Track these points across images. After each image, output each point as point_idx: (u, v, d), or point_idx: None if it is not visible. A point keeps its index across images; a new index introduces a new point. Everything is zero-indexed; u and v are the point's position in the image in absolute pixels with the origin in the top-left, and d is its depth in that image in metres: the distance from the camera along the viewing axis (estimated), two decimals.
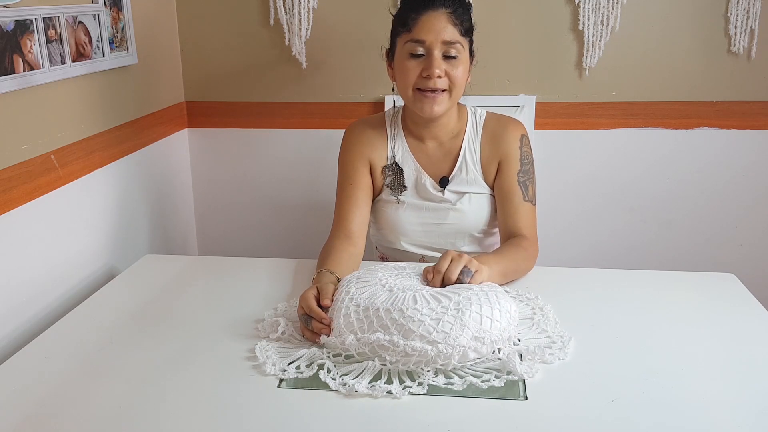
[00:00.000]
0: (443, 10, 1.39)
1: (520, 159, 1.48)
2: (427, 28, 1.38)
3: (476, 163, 1.50)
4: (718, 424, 0.94)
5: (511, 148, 1.48)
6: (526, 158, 1.50)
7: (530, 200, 1.48)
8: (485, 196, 1.51)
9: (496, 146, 1.49)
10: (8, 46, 1.30)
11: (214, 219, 2.25)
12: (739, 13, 1.93)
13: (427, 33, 1.38)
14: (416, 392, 1.01)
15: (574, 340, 1.16)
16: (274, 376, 1.06)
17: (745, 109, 2.02)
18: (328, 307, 1.17)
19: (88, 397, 1.02)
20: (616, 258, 2.15)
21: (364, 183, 1.50)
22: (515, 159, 1.48)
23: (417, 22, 1.39)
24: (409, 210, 1.51)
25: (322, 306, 1.17)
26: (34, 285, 1.40)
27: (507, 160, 1.48)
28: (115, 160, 1.71)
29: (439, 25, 1.38)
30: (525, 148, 1.50)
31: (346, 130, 1.56)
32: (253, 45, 2.07)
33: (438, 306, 1.08)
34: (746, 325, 1.23)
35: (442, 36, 1.38)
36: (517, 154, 1.48)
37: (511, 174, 1.47)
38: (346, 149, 1.53)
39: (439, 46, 1.38)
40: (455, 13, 1.39)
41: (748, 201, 2.09)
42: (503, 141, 1.49)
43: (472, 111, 1.54)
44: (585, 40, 1.97)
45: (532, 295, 1.31)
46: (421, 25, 1.38)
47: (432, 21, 1.38)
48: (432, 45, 1.38)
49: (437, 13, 1.38)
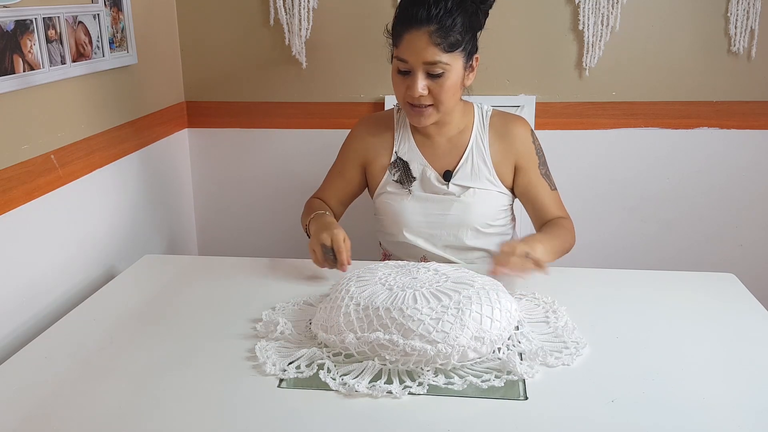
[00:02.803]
0: (426, 29, 1.34)
1: (536, 152, 1.52)
2: (410, 49, 1.37)
3: (487, 161, 1.51)
4: (718, 424, 0.94)
5: (526, 146, 1.52)
6: (539, 150, 1.54)
7: (555, 188, 1.55)
8: (491, 192, 1.52)
9: (508, 145, 1.52)
10: (8, 46, 1.30)
11: (214, 219, 2.25)
12: (739, 13, 1.93)
13: (410, 54, 1.37)
14: (416, 392, 1.01)
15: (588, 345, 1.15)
16: (274, 376, 1.06)
17: (745, 109, 2.02)
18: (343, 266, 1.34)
19: (88, 397, 1.02)
20: (616, 258, 2.15)
21: (349, 178, 1.60)
22: (532, 154, 1.52)
23: (401, 39, 1.38)
24: (413, 201, 1.53)
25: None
26: (34, 285, 1.40)
27: (525, 158, 1.52)
28: (115, 160, 1.71)
29: (419, 45, 1.35)
30: (536, 142, 1.54)
31: (357, 122, 1.62)
32: (253, 45, 2.07)
33: (438, 305, 1.08)
34: (746, 325, 1.23)
35: (422, 57, 1.36)
36: (532, 148, 1.52)
37: (534, 170, 1.52)
38: (350, 141, 1.61)
39: (420, 66, 1.37)
40: (440, 30, 1.34)
41: (748, 201, 2.09)
42: (515, 140, 1.52)
43: (479, 107, 1.56)
44: (585, 40, 1.97)
45: (549, 299, 1.30)
46: (405, 44, 1.37)
47: (414, 41, 1.36)
48: (413, 65, 1.38)
49: (419, 32, 1.35)
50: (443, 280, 1.17)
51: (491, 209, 1.53)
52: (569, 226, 1.50)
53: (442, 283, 1.15)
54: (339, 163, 1.62)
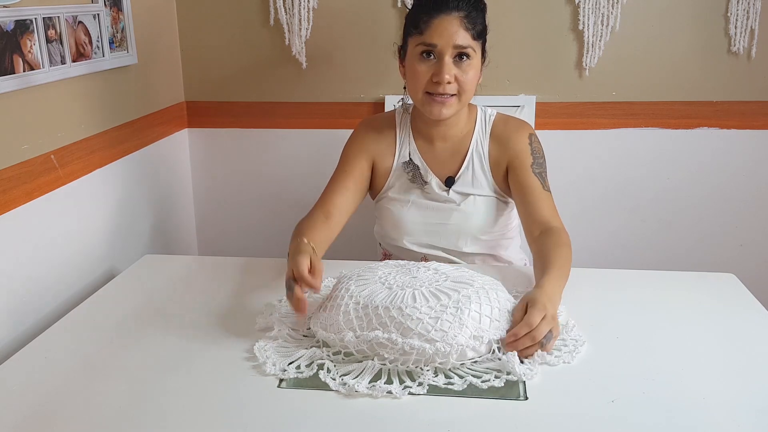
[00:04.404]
0: (456, 14, 1.36)
1: (531, 153, 1.48)
2: (439, 32, 1.36)
3: (484, 165, 1.50)
4: (718, 424, 0.94)
5: (520, 146, 1.48)
6: (537, 153, 1.49)
7: (548, 190, 1.47)
8: (491, 198, 1.51)
9: (504, 148, 1.49)
10: (8, 46, 1.30)
11: (214, 219, 2.25)
12: (739, 13, 1.93)
13: (439, 37, 1.36)
14: (416, 392, 1.01)
15: (586, 344, 1.14)
16: (274, 376, 1.06)
17: (745, 109, 2.02)
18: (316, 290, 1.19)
19: (88, 397, 1.02)
20: (616, 258, 2.15)
21: (357, 174, 1.51)
22: (527, 154, 1.47)
23: (429, 25, 1.37)
24: (413, 209, 1.52)
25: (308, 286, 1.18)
26: (34, 285, 1.40)
27: (518, 156, 1.47)
28: (115, 160, 1.71)
29: (451, 29, 1.36)
30: (535, 144, 1.50)
31: (357, 125, 1.58)
32: (253, 45, 2.07)
33: (437, 304, 1.08)
34: (746, 325, 1.23)
35: (453, 41, 1.36)
36: (527, 149, 1.48)
37: (525, 167, 1.46)
38: (351, 143, 1.56)
39: (450, 50, 1.36)
40: (469, 16, 1.37)
41: (748, 201, 2.09)
42: (511, 142, 1.49)
43: (482, 111, 1.54)
44: (585, 40, 1.97)
45: None
46: (433, 29, 1.36)
47: (444, 25, 1.36)
48: (443, 50, 1.36)
49: (450, 17, 1.36)
50: (443, 279, 1.17)
51: (491, 217, 1.51)
52: (568, 239, 1.37)
53: (441, 283, 1.15)
54: (343, 167, 1.53)
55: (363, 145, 1.54)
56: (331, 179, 1.53)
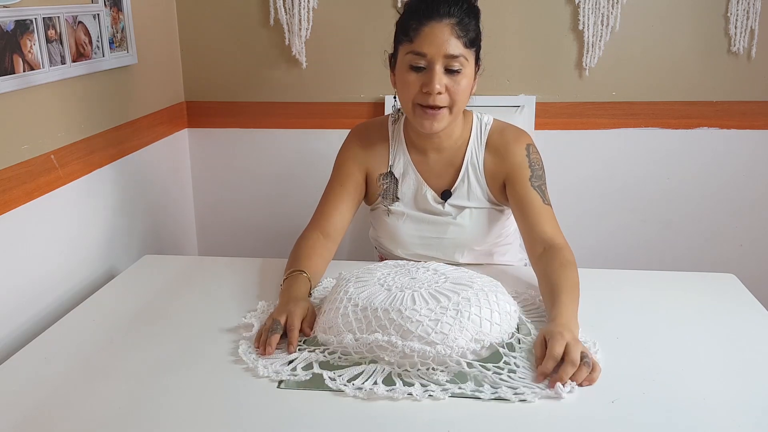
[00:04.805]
0: (447, 21, 1.30)
1: (529, 165, 1.42)
2: (429, 40, 1.30)
3: (479, 176, 1.45)
4: (718, 424, 0.94)
5: (518, 159, 1.42)
6: (536, 164, 1.43)
7: (548, 203, 1.41)
8: (486, 210, 1.47)
9: (500, 160, 1.44)
10: (8, 46, 1.30)
11: (214, 219, 2.25)
12: (739, 13, 1.93)
13: (429, 46, 1.30)
14: (416, 392, 1.01)
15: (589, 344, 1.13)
16: (273, 375, 1.06)
17: (745, 109, 2.02)
18: (291, 350, 1.13)
19: (88, 397, 1.02)
20: (616, 258, 2.15)
21: (352, 186, 1.48)
22: (524, 166, 1.41)
23: (419, 32, 1.31)
24: (408, 222, 1.48)
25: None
26: (34, 285, 1.40)
27: (516, 169, 1.41)
28: (115, 160, 1.71)
29: (441, 37, 1.29)
30: (533, 155, 1.44)
31: (350, 132, 1.54)
32: (253, 45, 2.07)
33: (437, 306, 1.08)
34: (746, 325, 1.23)
35: (444, 49, 1.29)
36: (525, 161, 1.42)
37: (523, 181, 1.40)
38: (345, 150, 1.52)
39: (441, 60, 1.30)
40: (461, 23, 1.30)
41: (748, 201, 2.09)
42: (508, 154, 1.43)
43: (478, 118, 1.48)
44: (585, 40, 1.97)
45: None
46: (423, 37, 1.30)
47: (435, 33, 1.30)
48: (433, 59, 1.30)
49: (441, 24, 1.30)
50: (442, 280, 1.16)
51: (487, 228, 1.48)
52: (572, 258, 1.31)
53: (441, 284, 1.15)
54: (338, 178, 1.48)
55: (356, 157, 1.49)
56: (325, 193, 1.49)
